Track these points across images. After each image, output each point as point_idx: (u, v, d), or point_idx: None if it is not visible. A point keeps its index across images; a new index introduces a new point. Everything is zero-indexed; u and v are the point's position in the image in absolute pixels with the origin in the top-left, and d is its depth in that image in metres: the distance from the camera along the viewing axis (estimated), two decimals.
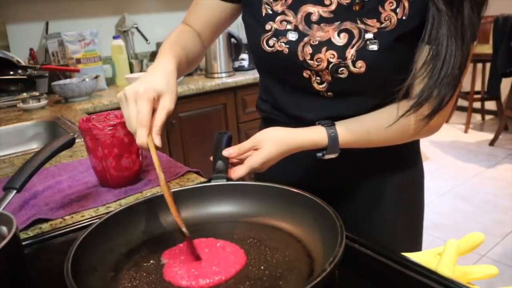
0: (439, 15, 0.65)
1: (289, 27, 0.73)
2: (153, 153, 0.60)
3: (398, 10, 0.69)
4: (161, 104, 0.64)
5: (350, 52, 0.70)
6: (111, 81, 2.40)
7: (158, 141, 0.61)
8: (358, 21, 0.70)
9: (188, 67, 0.83)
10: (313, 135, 0.74)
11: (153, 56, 2.56)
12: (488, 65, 3.72)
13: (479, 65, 4.11)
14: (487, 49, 3.60)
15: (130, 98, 0.63)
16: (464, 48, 0.65)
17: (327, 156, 0.76)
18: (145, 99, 0.61)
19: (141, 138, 0.61)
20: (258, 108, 0.93)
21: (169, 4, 2.66)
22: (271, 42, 0.75)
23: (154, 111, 0.63)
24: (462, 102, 4.47)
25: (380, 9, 0.69)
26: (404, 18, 0.69)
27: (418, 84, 0.70)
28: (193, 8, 0.88)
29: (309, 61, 0.73)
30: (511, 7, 3.42)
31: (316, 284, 0.41)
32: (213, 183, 0.66)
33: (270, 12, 0.74)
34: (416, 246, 0.92)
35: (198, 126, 2.19)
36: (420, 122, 0.71)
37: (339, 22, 0.71)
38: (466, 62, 0.67)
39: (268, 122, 0.89)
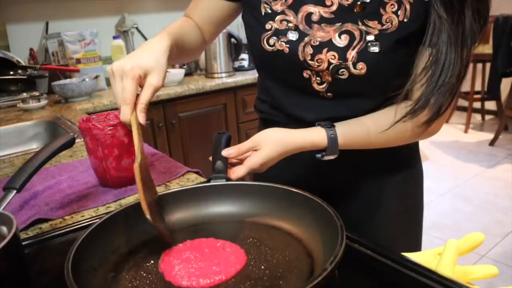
0: (440, 21, 0.64)
1: (289, 26, 0.73)
2: (134, 130, 0.60)
3: (399, 12, 0.69)
4: (148, 82, 0.64)
5: (351, 54, 0.70)
6: None
7: (142, 118, 0.62)
8: (359, 23, 0.70)
9: (185, 54, 0.83)
10: (313, 136, 0.74)
11: None
12: (488, 65, 3.72)
13: (479, 65, 4.10)
14: (487, 49, 3.60)
15: (117, 74, 0.64)
16: (464, 56, 0.65)
17: (327, 157, 0.76)
18: (130, 77, 0.62)
19: (124, 116, 0.62)
20: (256, 109, 0.93)
21: (169, 4, 2.66)
22: (271, 41, 0.74)
23: (141, 88, 0.64)
24: (462, 102, 4.47)
25: (382, 11, 0.69)
26: (405, 20, 0.69)
27: (418, 90, 0.70)
28: (194, 4, 0.88)
29: (310, 62, 0.73)
30: (511, 7, 3.42)
31: (317, 283, 0.41)
32: (212, 183, 0.66)
33: (269, 11, 0.74)
34: (416, 246, 0.92)
35: (198, 126, 2.19)
36: (417, 129, 0.71)
37: (340, 23, 0.71)
38: (465, 71, 0.67)
39: (266, 122, 0.89)
